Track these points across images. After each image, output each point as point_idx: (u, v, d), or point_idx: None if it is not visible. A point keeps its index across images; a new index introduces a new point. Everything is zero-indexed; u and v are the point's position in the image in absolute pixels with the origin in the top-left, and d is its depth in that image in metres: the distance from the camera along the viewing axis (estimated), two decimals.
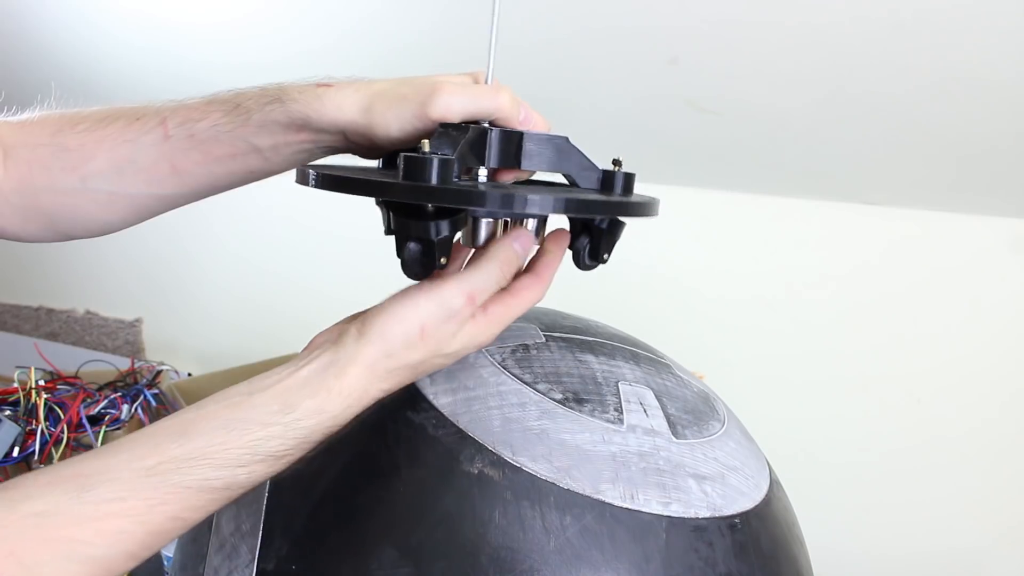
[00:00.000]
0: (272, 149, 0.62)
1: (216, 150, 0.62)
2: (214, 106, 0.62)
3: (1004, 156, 1.05)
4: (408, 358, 0.54)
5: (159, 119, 0.62)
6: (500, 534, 0.49)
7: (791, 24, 1.00)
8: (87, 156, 0.63)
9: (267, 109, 0.60)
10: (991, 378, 1.16)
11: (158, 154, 0.62)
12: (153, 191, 0.65)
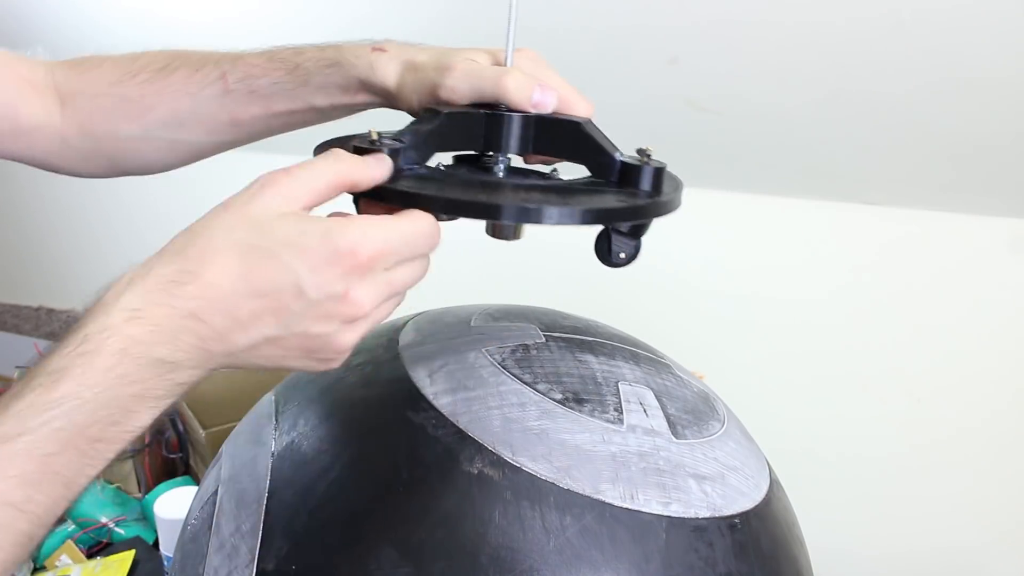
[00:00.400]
0: (330, 108, 0.63)
1: (276, 105, 0.63)
2: (275, 64, 0.63)
3: (1003, 156, 1.05)
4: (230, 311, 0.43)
5: (219, 72, 0.64)
6: (500, 534, 0.49)
7: (791, 24, 1.00)
8: (148, 106, 0.65)
9: (326, 72, 0.61)
10: (991, 378, 1.16)
11: (218, 106, 0.64)
12: (213, 139, 0.66)
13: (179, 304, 0.42)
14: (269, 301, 0.43)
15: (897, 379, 1.22)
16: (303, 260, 0.43)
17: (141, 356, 0.41)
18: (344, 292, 0.44)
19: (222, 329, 0.43)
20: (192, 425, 1.35)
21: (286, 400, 0.64)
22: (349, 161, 0.46)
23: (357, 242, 0.43)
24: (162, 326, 0.42)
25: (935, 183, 1.13)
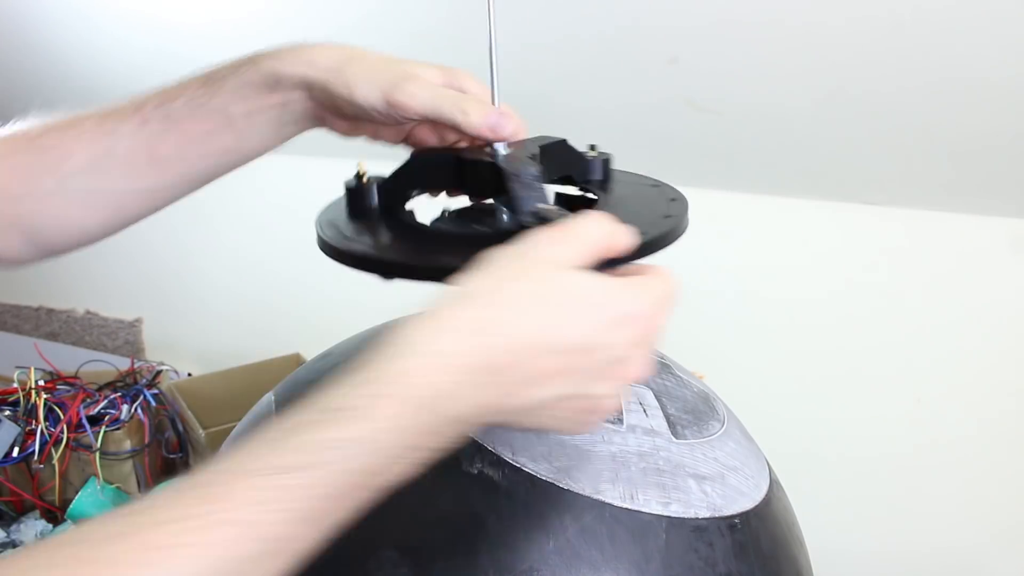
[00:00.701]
0: (245, 116, 0.59)
1: (191, 127, 0.60)
2: (189, 81, 0.61)
3: (1004, 156, 1.05)
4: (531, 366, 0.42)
5: (136, 106, 0.61)
6: (499, 534, 0.49)
7: (791, 24, 1.00)
8: (65, 154, 0.61)
9: (241, 71, 0.58)
10: (991, 378, 1.16)
11: (135, 142, 0.60)
12: (131, 185, 0.62)
13: (482, 354, 0.40)
14: (563, 359, 0.42)
15: (897, 379, 1.22)
16: (596, 320, 0.42)
17: (436, 408, 0.40)
18: (626, 356, 0.44)
19: (518, 384, 0.41)
20: (192, 425, 1.35)
21: (285, 400, 0.64)
22: (613, 227, 0.45)
23: (639, 306, 0.43)
24: (465, 378, 0.40)
25: (935, 183, 1.13)
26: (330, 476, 0.37)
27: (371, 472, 0.38)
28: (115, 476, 1.32)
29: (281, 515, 0.36)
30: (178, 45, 1.52)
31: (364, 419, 0.38)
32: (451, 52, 1.25)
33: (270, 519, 0.36)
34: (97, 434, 1.30)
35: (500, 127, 0.54)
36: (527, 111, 1.36)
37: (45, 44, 1.65)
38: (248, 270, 1.78)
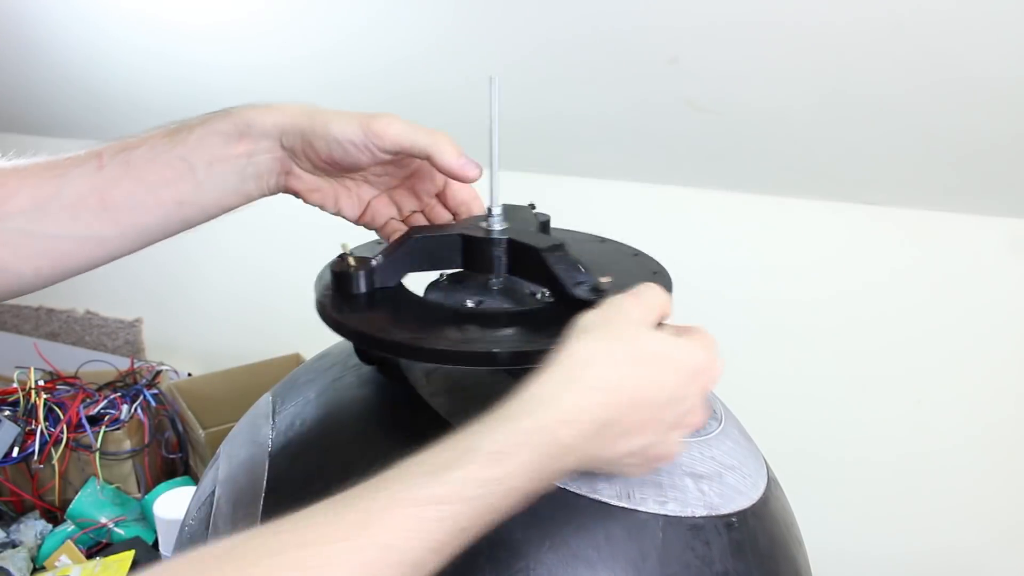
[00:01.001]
0: (207, 166, 0.58)
1: (148, 175, 0.58)
2: (157, 130, 0.59)
3: (1004, 156, 1.05)
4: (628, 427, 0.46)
5: (96, 152, 0.59)
6: (496, 533, 0.49)
7: (791, 24, 1.00)
8: (9, 193, 0.57)
9: (210, 121, 0.58)
10: (991, 378, 1.15)
11: (87, 187, 0.58)
12: (76, 231, 0.58)
13: (599, 413, 0.44)
14: (649, 413, 0.46)
15: (897, 379, 1.21)
16: (676, 375, 0.47)
17: (556, 462, 0.44)
18: (695, 407, 0.48)
19: (619, 436, 0.46)
20: (192, 425, 1.35)
21: (283, 400, 0.64)
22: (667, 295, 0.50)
23: (702, 358, 0.48)
24: (582, 433, 0.44)
25: (935, 183, 1.13)
26: (471, 511, 0.41)
27: (497, 509, 0.42)
28: (115, 476, 1.32)
29: (426, 543, 0.40)
30: (178, 47, 1.52)
31: (508, 464, 0.42)
32: (460, 57, 1.26)
33: (416, 546, 0.40)
34: (97, 434, 1.30)
35: (467, 170, 0.57)
36: (528, 111, 1.37)
37: (45, 45, 1.65)
38: (248, 270, 1.78)
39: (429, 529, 0.40)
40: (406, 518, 0.40)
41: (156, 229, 0.61)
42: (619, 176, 1.35)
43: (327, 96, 1.48)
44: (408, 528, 0.39)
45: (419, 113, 0.73)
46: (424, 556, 0.40)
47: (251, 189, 0.60)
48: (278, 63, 1.46)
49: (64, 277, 0.62)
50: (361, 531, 0.39)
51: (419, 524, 0.40)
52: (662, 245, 0.76)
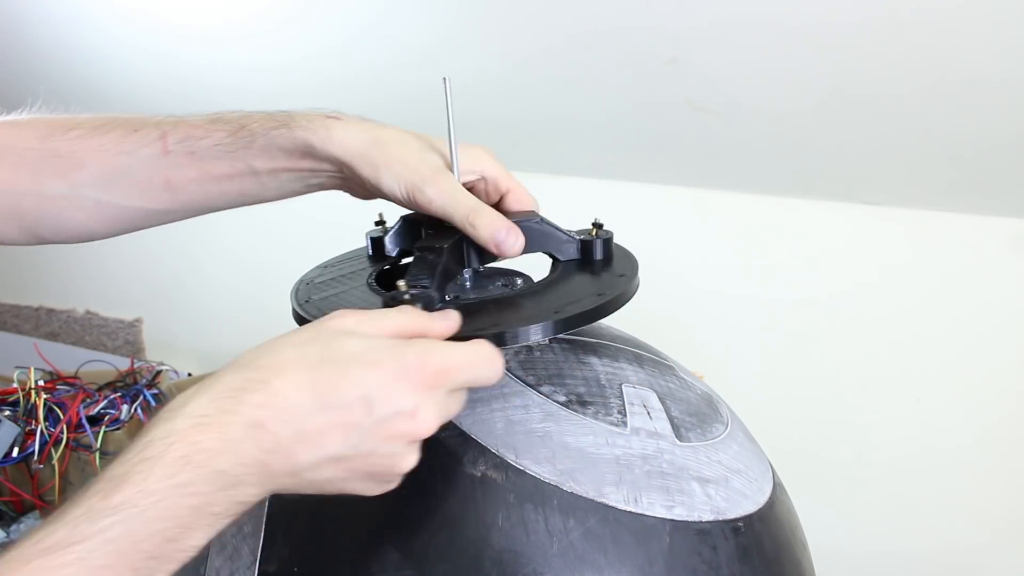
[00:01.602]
0: (270, 173, 0.61)
1: (214, 169, 0.61)
2: (219, 125, 0.61)
3: (1003, 156, 1.05)
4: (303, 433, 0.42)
5: (159, 132, 0.61)
6: (503, 537, 0.49)
7: (791, 24, 1.00)
8: (78, 163, 0.62)
9: (272, 134, 0.60)
10: (992, 377, 1.16)
11: (154, 168, 0.61)
12: (144, 204, 0.63)
13: (246, 411, 0.41)
14: (338, 415, 0.42)
15: (898, 379, 1.22)
16: (373, 373, 0.42)
17: (203, 465, 0.39)
18: (413, 409, 0.43)
19: (287, 442, 0.41)
20: None
21: None
22: (419, 317, 0.47)
23: (425, 357, 0.44)
24: (226, 434, 0.40)
25: (935, 183, 1.13)
26: (104, 545, 0.37)
27: (148, 536, 0.38)
28: None
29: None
30: (178, 47, 1.52)
31: (132, 483, 0.38)
32: (461, 58, 1.26)
33: None
34: (97, 434, 1.30)
35: (504, 244, 0.57)
36: (528, 112, 1.37)
37: (46, 45, 1.64)
38: (248, 270, 1.78)
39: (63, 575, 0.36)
40: (30, 573, 0.36)
41: (217, 207, 0.66)
42: (619, 176, 1.35)
43: (327, 98, 1.48)
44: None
45: (419, 115, 0.73)
46: None
47: (312, 190, 0.64)
48: (278, 64, 1.46)
49: (128, 232, 0.66)
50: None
51: (47, 574, 0.36)
52: (662, 245, 0.76)
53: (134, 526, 0.38)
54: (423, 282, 0.54)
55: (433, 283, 0.54)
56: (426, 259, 0.56)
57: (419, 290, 0.53)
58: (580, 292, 0.57)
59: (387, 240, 0.66)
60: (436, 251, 0.56)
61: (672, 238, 1.31)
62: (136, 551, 0.38)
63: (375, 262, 0.67)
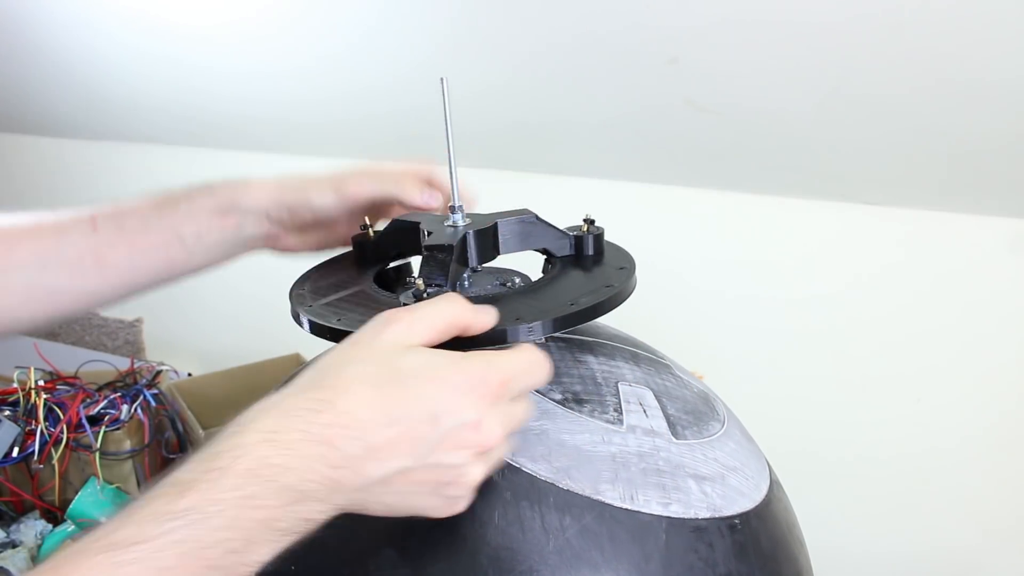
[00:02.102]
0: (196, 237, 0.65)
1: (141, 241, 0.65)
2: (144, 199, 0.66)
3: (1003, 156, 1.05)
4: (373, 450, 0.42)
5: (89, 214, 0.65)
6: (499, 535, 0.49)
7: (791, 24, 1.00)
8: (11, 247, 0.63)
9: (196, 197, 0.65)
10: (991, 377, 1.16)
11: (84, 246, 0.64)
12: (75, 284, 0.65)
13: (314, 430, 0.42)
14: (404, 429, 0.43)
15: (897, 379, 1.22)
16: (437, 387, 0.43)
17: (271, 479, 0.40)
18: (477, 420, 0.44)
19: (355, 458, 0.42)
20: (192, 425, 1.35)
21: None
22: (465, 307, 0.48)
23: (486, 370, 0.45)
24: (295, 451, 0.41)
25: (935, 183, 1.13)
26: (168, 547, 0.38)
27: (212, 544, 0.39)
28: (115, 476, 1.32)
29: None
30: (178, 48, 1.52)
31: (199, 491, 0.39)
32: (463, 59, 1.26)
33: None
34: (97, 434, 1.30)
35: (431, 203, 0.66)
36: (528, 113, 1.37)
37: (45, 45, 1.64)
38: (248, 270, 1.78)
39: (127, 573, 0.37)
40: (94, 567, 0.37)
41: (148, 284, 0.68)
42: (619, 176, 1.35)
43: (327, 102, 1.48)
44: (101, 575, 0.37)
45: (422, 125, 0.74)
46: None
47: (239, 251, 0.69)
48: (279, 69, 1.46)
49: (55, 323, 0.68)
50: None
51: (111, 570, 0.37)
52: (662, 245, 0.76)
53: (199, 532, 0.38)
54: (438, 280, 0.55)
55: (447, 281, 0.56)
56: (436, 258, 0.57)
57: (435, 288, 0.55)
58: (588, 285, 0.58)
59: (375, 244, 0.68)
60: (446, 250, 0.57)
61: (672, 238, 1.31)
62: (199, 558, 0.38)
63: (361, 266, 0.67)
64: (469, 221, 0.62)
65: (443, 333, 0.47)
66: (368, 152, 1.53)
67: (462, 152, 0.61)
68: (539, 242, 0.64)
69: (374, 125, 1.47)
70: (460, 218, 0.62)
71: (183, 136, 1.76)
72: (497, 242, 0.62)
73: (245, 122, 1.61)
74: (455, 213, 0.62)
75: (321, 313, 0.58)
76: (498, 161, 1.35)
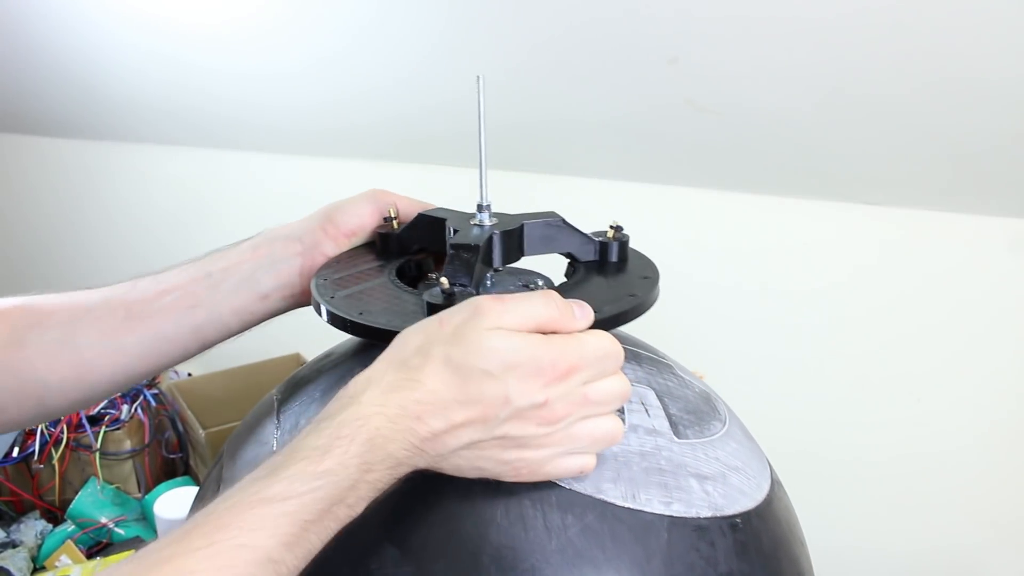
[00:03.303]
0: (223, 272, 0.65)
1: (169, 284, 0.65)
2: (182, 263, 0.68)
3: (1003, 156, 1.05)
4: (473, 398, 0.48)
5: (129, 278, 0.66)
6: (501, 533, 0.49)
7: (791, 24, 1.00)
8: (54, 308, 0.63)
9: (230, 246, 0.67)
10: (991, 377, 1.16)
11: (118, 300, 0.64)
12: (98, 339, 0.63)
13: (409, 407, 0.47)
14: (481, 409, 0.47)
15: (897, 379, 1.22)
16: (513, 372, 0.47)
17: (381, 448, 0.47)
18: (544, 400, 0.48)
19: (438, 432, 0.47)
20: (192, 425, 1.35)
21: (287, 399, 0.64)
22: (558, 309, 0.50)
23: (558, 355, 0.48)
24: (396, 424, 0.47)
25: (935, 183, 1.14)
26: (313, 503, 0.44)
27: (338, 500, 0.46)
28: (115, 476, 1.32)
29: (276, 538, 0.43)
30: (177, 48, 1.52)
31: (333, 456, 0.46)
32: (464, 57, 1.26)
33: (267, 543, 0.43)
34: (97, 434, 1.30)
35: None
36: (528, 113, 1.37)
37: (45, 45, 1.64)
38: None
39: (276, 524, 0.43)
40: (252, 517, 0.43)
41: (172, 341, 0.65)
42: (619, 176, 1.35)
43: (326, 107, 1.48)
44: (255, 527, 0.43)
45: (425, 122, 0.74)
46: (278, 552, 0.43)
47: (271, 289, 0.66)
48: (278, 69, 1.46)
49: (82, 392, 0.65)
50: (214, 535, 0.42)
51: (264, 521, 0.43)
52: (662, 245, 0.76)
53: (333, 492, 0.45)
54: (462, 280, 0.56)
55: (471, 281, 0.56)
56: (461, 257, 0.57)
57: (460, 288, 0.55)
58: (611, 293, 0.58)
59: (399, 237, 0.67)
60: (471, 250, 0.57)
61: (672, 238, 1.31)
62: (329, 512, 0.45)
63: (382, 258, 0.67)
64: (496, 221, 0.62)
65: (532, 328, 0.49)
66: (368, 152, 1.53)
67: (461, 152, 0.61)
68: (564, 246, 0.63)
69: (374, 125, 1.47)
70: (487, 217, 0.61)
71: (182, 136, 1.76)
72: (522, 244, 0.62)
73: (244, 122, 1.62)
74: (481, 212, 0.61)
75: (335, 304, 0.58)
76: (498, 161, 1.35)
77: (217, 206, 1.69)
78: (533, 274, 0.65)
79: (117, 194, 1.97)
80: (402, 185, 0.73)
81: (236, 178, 1.70)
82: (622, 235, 0.64)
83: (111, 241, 1.97)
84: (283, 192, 1.54)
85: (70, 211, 2.07)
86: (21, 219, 2.16)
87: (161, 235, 1.79)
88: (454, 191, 0.72)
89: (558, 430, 0.49)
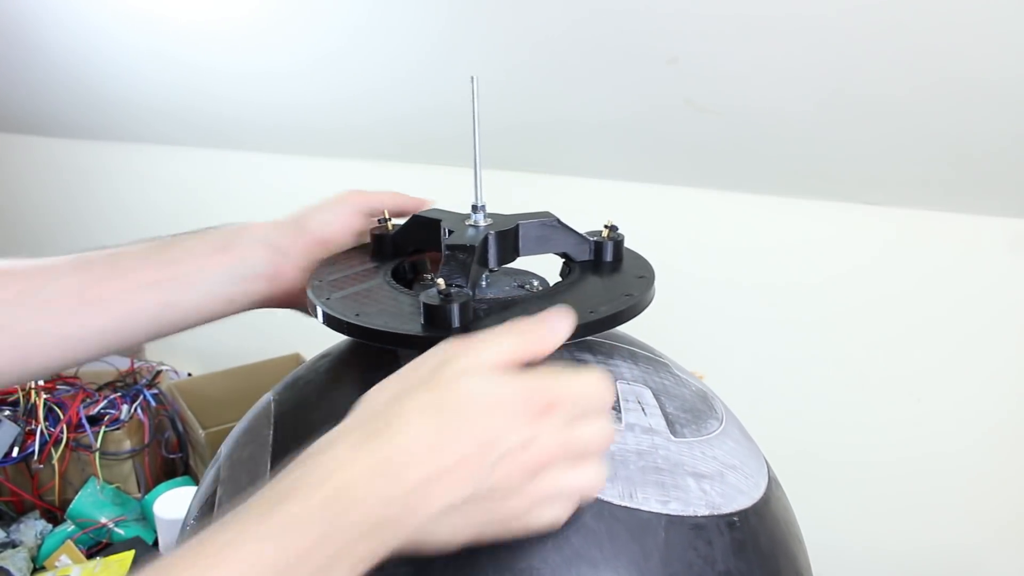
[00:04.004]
0: (194, 273, 0.63)
1: (133, 278, 0.61)
2: (141, 241, 0.65)
3: (1003, 156, 1.05)
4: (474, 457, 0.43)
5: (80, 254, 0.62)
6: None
7: (791, 24, 1.00)
8: None
9: (196, 236, 0.65)
10: (991, 377, 1.16)
11: (69, 284, 0.60)
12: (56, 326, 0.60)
13: (389, 455, 0.42)
14: (460, 458, 0.43)
15: (896, 378, 1.22)
16: (492, 415, 0.44)
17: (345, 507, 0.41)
18: (525, 440, 0.44)
19: (419, 484, 0.42)
20: (192, 425, 1.35)
21: (284, 400, 0.64)
22: (532, 339, 0.47)
23: (536, 391, 0.45)
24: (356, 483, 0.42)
25: (935, 183, 1.13)
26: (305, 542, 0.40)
27: None
28: (115, 476, 1.32)
29: None
30: (177, 47, 1.52)
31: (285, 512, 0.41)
32: (466, 55, 1.26)
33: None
34: (97, 434, 1.30)
35: None
36: (528, 113, 1.37)
37: (45, 45, 1.65)
38: None
39: None
40: (249, 554, 0.39)
41: (141, 331, 0.63)
42: (619, 176, 1.35)
43: (326, 107, 1.48)
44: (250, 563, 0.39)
45: (424, 122, 0.74)
46: None
47: (240, 293, 0.66)
48: (278, 69, 1.46)
49: (31, 377, 0.64)
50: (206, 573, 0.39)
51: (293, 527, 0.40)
52: (662, 245, 0.76)
53: None
54: (458, 281, 0.55)
55: (467, 282, 0.55)
56: (456, 258, 0.57)
57: (456, 289, 0.54)
58: (607, 293, 0.58)
59: (394, 238, 0.67)
60: (467, 251, 0.57)
61: (672, 238, 1.31)
62: None
63: (377, 259, 0.67)
64: (491, 221, 0.61)
65: (512, 365, 0.46)
66: (367, 152, 1.53)
67: (461, 152, 0.61)
68: (559, 246, 0.63)
69: (373, 125, 1.47)
70: (481, 217, 0.61)
71: (181, 136, 1.77)
72: (517, 244, 0.62)
73: (243, 122, 1.62)
74: (476, 212, 0.61)
75: (331, 305, 0.58)
76: (497, 161, 1.35)
77: (216, 206, 1.69)
78: (528, 274, 0.65)
79: (116, 194, 1.97)
80: (402, 185, 0.73)
81: (235, 178, 1.70)
82: (617, 235, 0.64)
83: (110, 241, 1.97)
84: (282, 192, 1.54)
85: (69, 211, 2.08)
86: (20, 219, 2.16)
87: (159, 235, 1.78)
88: (454, 191, 0.72)
89: (543, 477, 0.45)
